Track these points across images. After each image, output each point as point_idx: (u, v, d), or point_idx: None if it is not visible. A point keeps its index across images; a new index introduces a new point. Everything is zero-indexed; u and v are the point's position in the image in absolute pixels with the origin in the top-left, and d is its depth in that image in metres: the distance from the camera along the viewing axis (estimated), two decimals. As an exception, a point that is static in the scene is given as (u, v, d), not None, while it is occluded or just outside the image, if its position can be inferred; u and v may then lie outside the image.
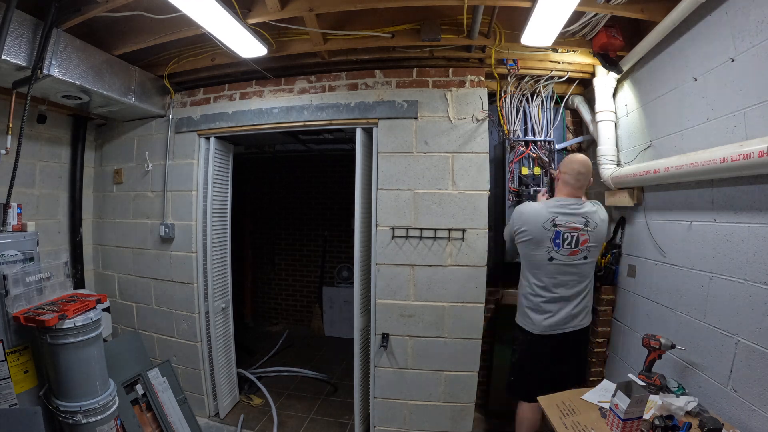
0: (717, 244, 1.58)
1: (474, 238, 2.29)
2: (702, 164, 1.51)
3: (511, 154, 2.57)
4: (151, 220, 2.80)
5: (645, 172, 1.90)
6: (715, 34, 1.58)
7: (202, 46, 2.38)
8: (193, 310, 2.71)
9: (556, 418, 1.53)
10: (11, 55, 1.78)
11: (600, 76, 2.36)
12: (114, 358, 2.17)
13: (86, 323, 1.77)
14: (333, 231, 4.93)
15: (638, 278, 2.15)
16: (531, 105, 2.62)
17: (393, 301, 2.37)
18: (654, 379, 1.66)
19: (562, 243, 1.96)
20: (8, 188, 2.03)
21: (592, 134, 2.49)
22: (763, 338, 1.34)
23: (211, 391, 2.83)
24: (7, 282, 1.71)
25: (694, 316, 1.68)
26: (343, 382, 3.41)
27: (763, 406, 1.32)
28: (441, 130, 2.32)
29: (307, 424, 2.81)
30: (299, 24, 2.02)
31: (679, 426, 1.38)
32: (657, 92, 1.99)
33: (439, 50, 2.29)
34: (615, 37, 2.05)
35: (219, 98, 2.67)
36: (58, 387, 1.77)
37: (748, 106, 1.42)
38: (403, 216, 2.34)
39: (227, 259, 2.93)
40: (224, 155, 2.87)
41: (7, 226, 1.96)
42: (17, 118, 2.00)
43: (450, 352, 2.34)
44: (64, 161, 2.84)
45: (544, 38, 1.96)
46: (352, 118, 2.41)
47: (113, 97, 2.35)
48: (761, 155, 1.24)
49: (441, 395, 2.37)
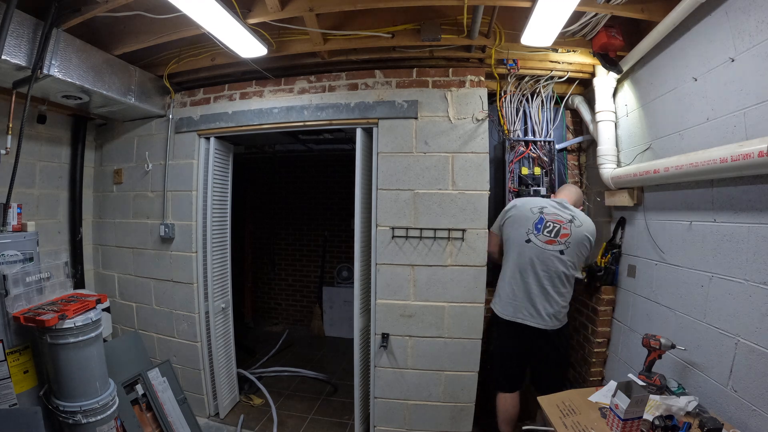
0: (717, 244, 1.58)
1: (474, 238, 2.29)
2: (702, 164, 1.51)
3: (511, 154, 2.57)
4: (151, 220, 2.80)
5: (645, 172, 1.90)
6: (715, 34, 1.58)
7: (202, 46, 2.38)
8: (193, 310, 2.71)
9: (556, 418, 1.52)
10: (11, 55, 1.78)
11: (600, 76, 2.36)
12: (114, 358, 2.16)
13: (86, 323, 1.77)
14: (333, 231, 4.93)
15: (638, 278, 2.15)
16: (531, 105, 2.61)
17: (393, 301, 2.37)
18: (654, 379, 1.65)
19: (543, 229, 2.09)
20: (8, 188, 2.03)
21: (592, 134, 2.49)
22: (763, 338, 1.34)
23: (211, 391, 2.83)
24: (7, 282, 1.71)
25: (694, 316, 1.68)
26: (343, 382, 3.41)
27: (763, 406, 1.32)
28: (441, 130, 2.31)
29: (307, 424, 2.81)
30: (299, 24, 2.02)
31: (679, 426, 1.38)
32: (657, 92, 1.99)
33: (439, 50, 2.29)
34: (615, 37, 2.05)
35: (219, 98, 2.67)
36: (58, 387, 1.77)
37: (748, 106, 1.42)
38: (403, 216, 2.34)
39: (227, 259, 2.93)
40: (224, 155, 2.86)
41: (7, 226, 1.96)
42: (17, 118, 1.99)
43: (450, 352, 2.34)
44: (64, 161, 2.84)
45: (544, 38, 1.96)
46: (352, 118, 2.41)
47: (113, 97, 2.35)
48: (761, 155, 1.24)
49: (441, 395, 2.37)
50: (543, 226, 2.08)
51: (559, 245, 2.06)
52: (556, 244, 2.06)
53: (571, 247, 2.07)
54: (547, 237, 2.07)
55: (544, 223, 2.08)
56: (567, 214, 2.12)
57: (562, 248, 2.06)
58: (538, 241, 2.07)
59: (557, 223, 2.08)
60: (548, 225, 2.08)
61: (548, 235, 2.07)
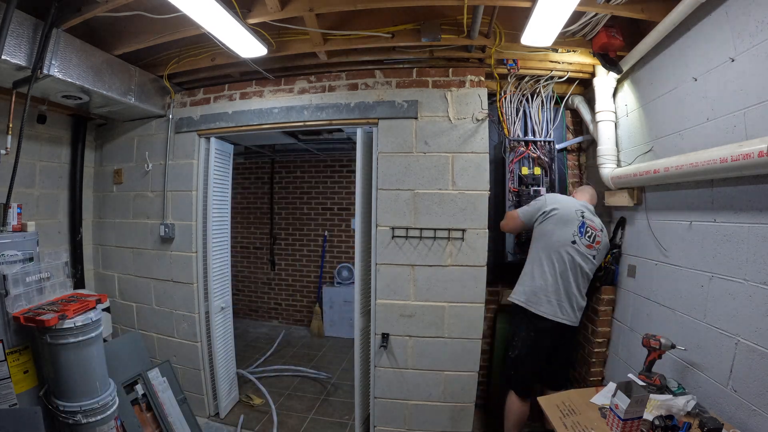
0: (717, 244, 1.57)
1: (474, 238, 2.29)
2: (702, 164, 1.50)
3: (511, 154, 2.58)
4: (151, 220, 2.80)
5: (645, 172, 1.90)
6: (715, 34, 1.58)
7: (202, 46, 2.38)
8: (193, 310, 2.71)
9: (556, 418, 1.52)
10: (11, 55, 1.78)
11: (600, 76, 2.36)
12: (114, 358, 2.16)
13: (86, 323, 1.76)
14: (333, 231, 4.94)
15: (638, 278, 2.15)
16: (531, 105, 2.62)
17: (393, 301, 2.37)
18: (654, 379, 1.65)
19: (585, 234, 2.13)
20: (8, 188, 2.03)
21: (592, 134, 2.49)
22: (763, 338, 1.34)
23: (211, 391, 2.83)
24: (7, 282, 1.71)
25: (694, 316, 1.68)
26: (343, 382, 3.41)
27: (763, 406, 1.32)
28: (441, 130, 2.31)
29: (307, 424, 2.81)
30: (299, 24, 2.02)
31: (679, 426, 1.38)
32: (657, 92, 1.98)
33: (439, 50, 2.29)
34: (615, 37, 2.05)
35: (219, 98, 2.67)
36: (58, 387, 1.77)
37: (748, 106, 1.42)
38: (403, 216, 2.34)
39: (227, 259, 2.93)
40: (224, 155, 2.86)
41: (7, 226, 1.96)
42: (17, 118, 1.99)
43: (450, 352, 2.34)
44: (64, 161, 2.84)
45: (544, 38, 1.96)
46: (352, 118, 2.41)
47: (113, 97, 2.35)
48: (761, 155, 1.24)
49: (441, 395, 2.37)
50: (585, 230, 2.14)
51: (594, 251, 2.17)
52: (592, 249, 2.16)
53: (599, 254, 2.21)
54: (588, 242, 2.14)
55: (586, 227, 2.14)
56: (599, 223, 2.21)
57: (595, 254, 2.17)
58: (581, 244, 2.13)
59: (594, 230, 2.17)
60: (588, 231, 2.14)
61: (589, 240, 2.14)
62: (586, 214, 2.18)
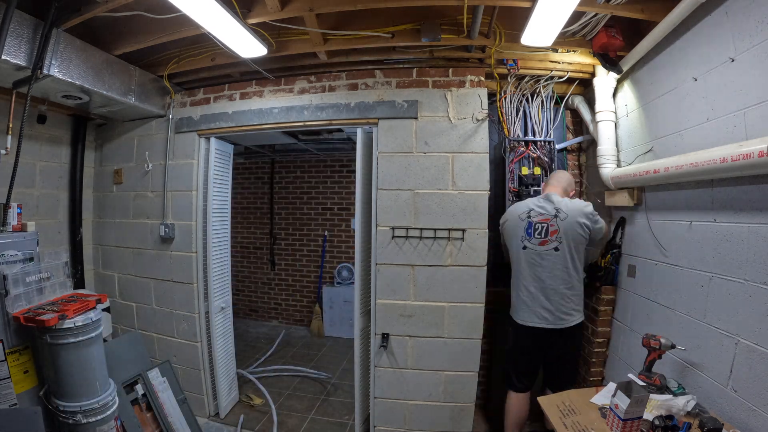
0: (717, 244, 1.58)
1: (474, 238, 2.29)
2: (702, 164, 1.50)
3: (511, 154, 2.58)
4: (151, 220, 2.80)
5: (645, 172, 1.90)
6: (715, 34, 1.58)
7: (202, 46, 2.38)
8: (193, 310, 2.71)
9: (556, 418, 1.52)
10: (11, 55, 1.78)
11: (600, 76, 2.36)
12: (114, 358, 2.16)
13: (86, 323, 1.76)
14: (333, 231, 4.94)
15: (638, 278, 2.15)
16: (531, 105, 2.62)
17: (393, 301, 2.37)
18: (654, 379, 1.65)
19: (534, 233, 2.11)
20: (8, 188, 2.03)
21: (592, 134, 2.49)
22: (763, 338, 1.34)
23: (211, 391, 2.83)
24: (7, 282, 1.71)
25: (694, 316, 1.68)
26: (343, 382, 3.41)
27: (763, 406, 1.32)
28: (441, 130, 2.31)
29: (307, 424, 2.81)
30: (299, 24, 2.02)
31: (679, 426, 1.38)
32: (657, 92, 1.99)
33: (439, 50, 2.29)
34: (615, 37, 2.05)
35: (219, 98, 2.67)
36: (58, 387, 1.77)
37: (748, 106, 1.42)
38: (403, 216, 2.34)
39: (227, 259, 2.93)
40: (224, 155, 2.86)
41: (7, 226, 1.96)
42: (17, 118, 1.99)
43: (450, 352, 2.34)
44: (64, 161, 2.84)
45: (544, 38, 1.96)
46: (352, 118, 2.41)
47: (113, 97, 2.35)
48: (761, 155, 1.24)
49: (441, 395, 2.37)
50: (533, 229, 2.11)
51: (553, 242, 2.07)
52: (549, 243, 2.08)
53: (565, 240, 2.06)
54: (540, 239, 2.09)
55: (533, 226, 2.11)
56: (551, 210, 2.10)
57: (556, 245, 2.07)
58: (532, 246, 2.10)
59: (544, 222, 2.10)
60: (537, 227, 2.11)
61: (540, 236, 2.09)
62: (534, 211, 2.12)
